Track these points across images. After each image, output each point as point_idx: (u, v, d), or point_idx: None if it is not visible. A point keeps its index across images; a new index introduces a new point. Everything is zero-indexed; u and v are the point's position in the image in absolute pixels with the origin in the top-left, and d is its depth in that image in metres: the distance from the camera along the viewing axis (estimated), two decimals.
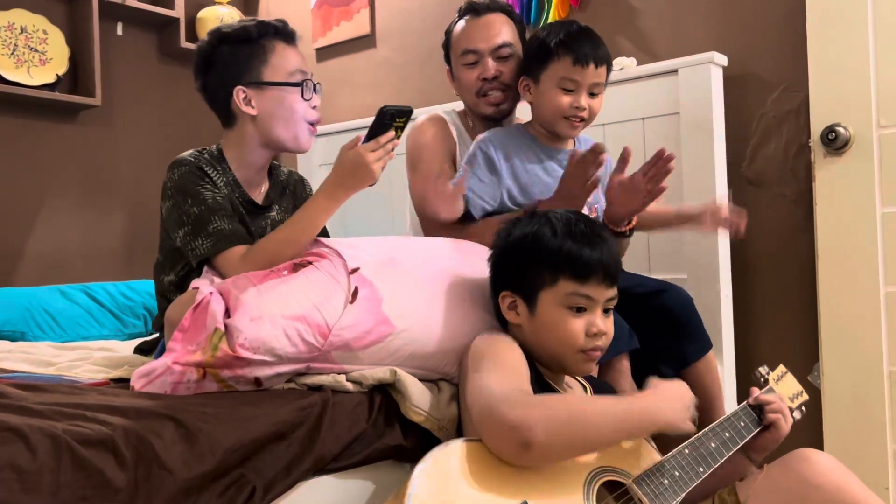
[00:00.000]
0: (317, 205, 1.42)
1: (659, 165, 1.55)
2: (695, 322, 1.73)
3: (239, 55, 1.57)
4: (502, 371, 1.11)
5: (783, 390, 1.40)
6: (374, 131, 1.38)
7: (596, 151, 1.55)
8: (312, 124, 1.62)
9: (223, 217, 1.49)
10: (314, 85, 1.62)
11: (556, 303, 1.21)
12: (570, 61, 1.63)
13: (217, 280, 1.41)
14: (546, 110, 1.69)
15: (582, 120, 1.67)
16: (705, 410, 1.71)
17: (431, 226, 1.82)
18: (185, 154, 1.59)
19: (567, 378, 1.32)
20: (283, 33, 1.60)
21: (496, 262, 1.32)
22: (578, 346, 1.21)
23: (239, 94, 1.57)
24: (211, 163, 1.59)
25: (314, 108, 1.62)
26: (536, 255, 1.23)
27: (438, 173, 1.79)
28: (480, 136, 1.74)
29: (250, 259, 1.42)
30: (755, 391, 1.32)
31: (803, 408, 1.44)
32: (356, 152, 1.38)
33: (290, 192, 1.77)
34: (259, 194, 1.68)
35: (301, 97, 1.58)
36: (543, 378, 1.23)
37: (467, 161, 1.72)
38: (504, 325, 1.32)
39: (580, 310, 1.21)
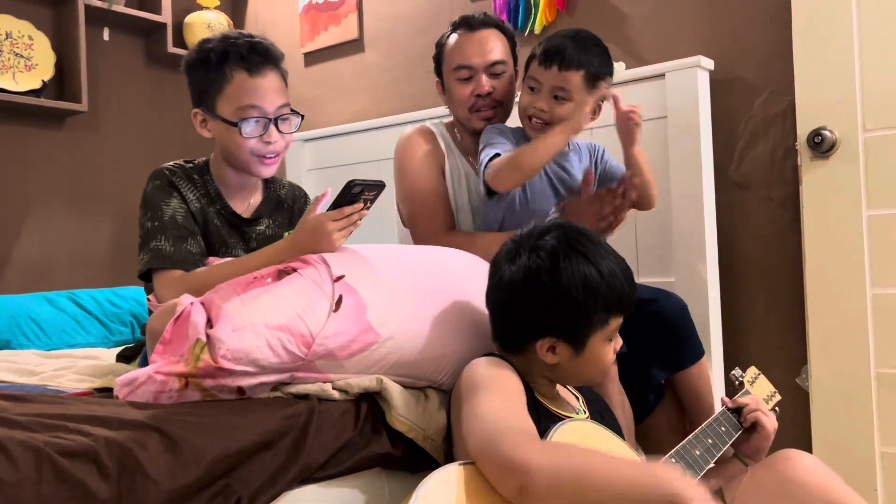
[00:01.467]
0: (270, 255, 1.41)
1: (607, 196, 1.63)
2: (689, 328, 1.74)
3: (199, 79, 1.57)
4: (502, 401, 1.07)
5: (757, 392, 1.43)
6: (340, 201, 1.37)
7: (614, 192, 1.62)
8: (266, 157, 1.57)
9: (170, 237, 1.49)
10: (270, 121, 1.54)
11: (604, 339, 1.20)
12: (537, 62, 1.67)
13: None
14: (518, 110, 1.73)
15: (545, 123, 1.67)
16: (696, 417, 1.72)
17: (421, 236, 1.82)
18: (165, 165, 1.60)
19: (559, 389, 1.31)
20: (247, 61, 1.52)
21: (533, 308, 1.18)
22: (608, 369, 1.24)
23: (196, 116, 1.60)
24: (189, 176, 1.59)
25: (269, 142, 1.55)
26: (591, 303, 1.15)
27: None
28: (489, 126, 1.79)
29: (186, 285, 1.41)
30: (726, 401, 1.34)
31: (777, 408, 1.46)
32: (317, 220, 1.36)
33: (288, 208, 1.75)
34: (247, 208, 1.67)
35: (239, 134, 1.52)
36: (537, 398, 1.21)
37: (484, 143, 1.73)
38: (506, 349, 1.25)
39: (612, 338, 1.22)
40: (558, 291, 1.15)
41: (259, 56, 1.53)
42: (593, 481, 0.92)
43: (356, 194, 1.36)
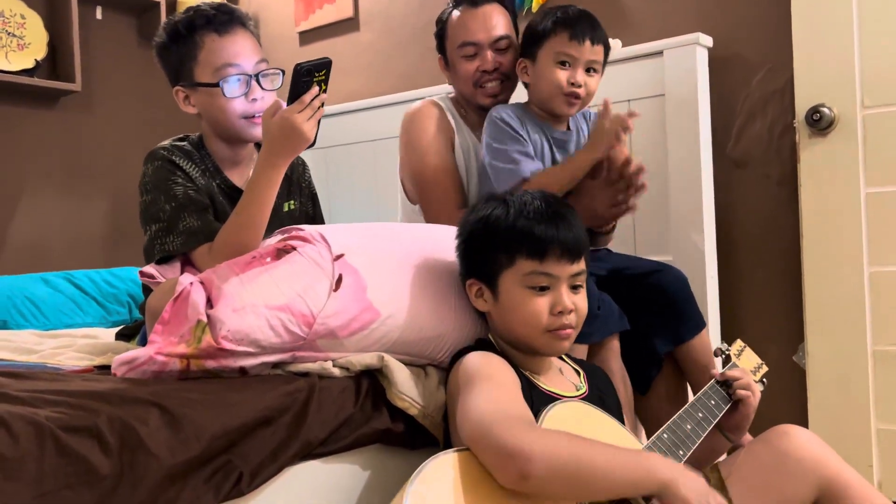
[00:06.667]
0: (259, 181, 1.39)
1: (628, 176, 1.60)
2: (689, 300, 1.74)
3: (173, 54, 1.54)
4: (496, 390, 1.07)
5: (744, 364, 1.44)
6: (295, 91, 1.32)
7: (628, 178, 1.59)
8: (254, 116, 1.53)
9: (192, 213, 1.47)
10: (252, 77, 1.52)
11: (517, 283, 1.19)
12: (566, 36, 1.65)
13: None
14: (543, 87, 1.70)
15: (578, 98, 1.67)
16: (698, 388, 1.73)
17: (434, 214, 1.81)
18: (161, 145, 1.57)
19: (560, 364, 1.31)
20: (214, 23, 1.51)
21: (459, 252, 1.31)
22: (543, 326, 1.18)
23: (179, 94, 1.57)
24: (188, 153, 1.56)
25: (255, 99, 1.52)
26: (491, 238, 1.22)
27: None
28: (495, 109, 1.75)
29: (215, 252, 1.41)
30: (715, 372, 1.34)
31: (764, 380, 1.47)
32: (281, 117, 1.32)
33: (287, 177, 1.67)
34: (245, 182, 1.63)
35: (223, 95, 1.49)
36: (531, 381, 1.21)
37: (490, 135, 1.71)
38: (482, 316, 1.31)
39: (543, 288, 1.19)
40: (468, 228, 1.28)
41: (225, 15, 1.52)
42: (592, 468, 0.94)
43: (308, 80, 1.33)
